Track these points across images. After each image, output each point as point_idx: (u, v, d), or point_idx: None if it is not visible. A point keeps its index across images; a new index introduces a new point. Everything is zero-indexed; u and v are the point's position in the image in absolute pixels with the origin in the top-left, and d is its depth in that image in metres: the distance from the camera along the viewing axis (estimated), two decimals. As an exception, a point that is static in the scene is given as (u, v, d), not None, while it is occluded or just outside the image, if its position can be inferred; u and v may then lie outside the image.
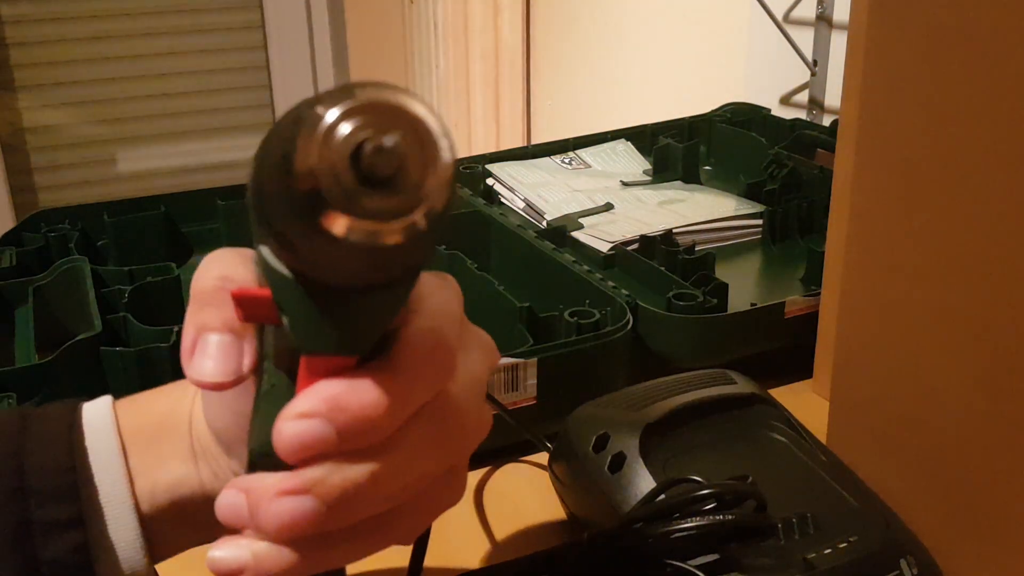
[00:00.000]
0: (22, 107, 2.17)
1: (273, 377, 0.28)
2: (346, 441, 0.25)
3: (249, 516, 0.26)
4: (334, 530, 0.27)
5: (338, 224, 0.21)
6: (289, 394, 0.26)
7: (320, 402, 0.25)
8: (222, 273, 0.29)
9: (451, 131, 0.23)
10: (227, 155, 2.33)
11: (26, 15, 2.12)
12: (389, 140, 0.21)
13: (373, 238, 0.22)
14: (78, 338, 0.58)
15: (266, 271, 0.25)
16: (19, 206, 2.15)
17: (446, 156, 0.22)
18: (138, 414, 0.33)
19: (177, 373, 0.29)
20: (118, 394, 0.34)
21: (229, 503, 0.27)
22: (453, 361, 0.27)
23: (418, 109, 0.22)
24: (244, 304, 0.26)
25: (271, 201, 0.23)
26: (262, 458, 0.27)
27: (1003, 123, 0.39)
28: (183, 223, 0.84)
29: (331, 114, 0.21)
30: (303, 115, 0.22)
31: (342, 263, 0.23)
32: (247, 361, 0.28)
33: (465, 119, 1.86)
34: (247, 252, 0.30)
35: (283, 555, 0.26)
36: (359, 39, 2.18)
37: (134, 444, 0.32)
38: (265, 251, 0.25)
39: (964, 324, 0.43)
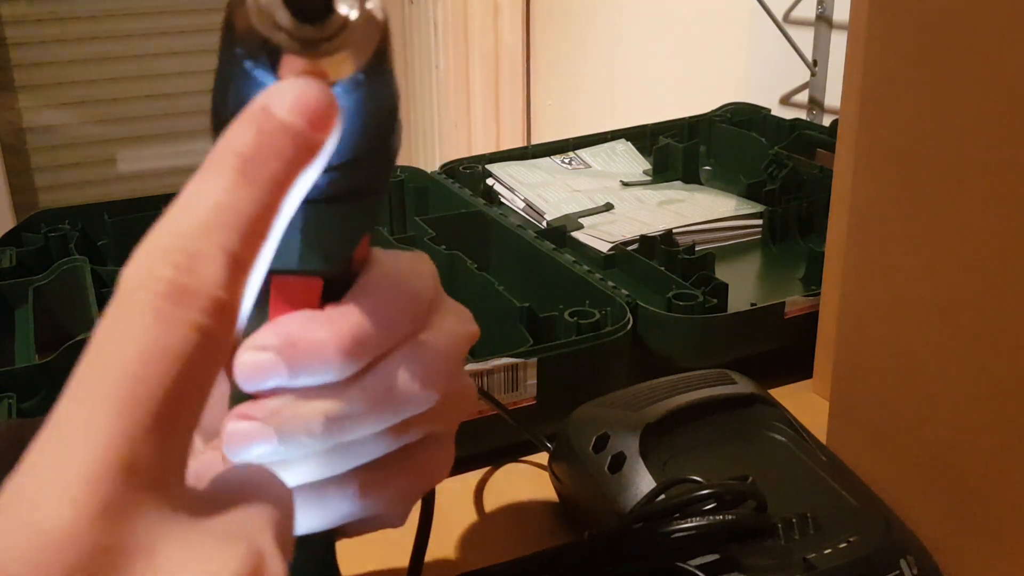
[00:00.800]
0: (22, 107, 2.17)
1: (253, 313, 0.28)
2: (298, 376, 0.26)
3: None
4: (315, 480, 0.27)
5: (294, 66, 0.23)
6: (261, 314, 0.27)
7: (274, 336, 0.26)
8: None
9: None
10: (227, 155, 2.32)
11: (26, 15, 2.12)
12: None
13: (315, 64, 0.23)
14: (78, 338, 0.58)
15: None
16: (19, 206, 2.15)
17: (374, 4, 0.24)
18: None
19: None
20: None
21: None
22: (415, 309, 0.28)
23: None
24: None
25: (228, 85, 0.24)
26: (238, 392, 0.28)
27: (1003, 123, 0.39)
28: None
29: None
30: None
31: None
32: None
33: (465, 119, 1.86)
34: None
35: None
36: (359, 39, 2.18)
37: None
38: None
39: (965, 324, 0.43)
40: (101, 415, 0.19)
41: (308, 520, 0.28)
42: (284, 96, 0.22)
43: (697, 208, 0.87)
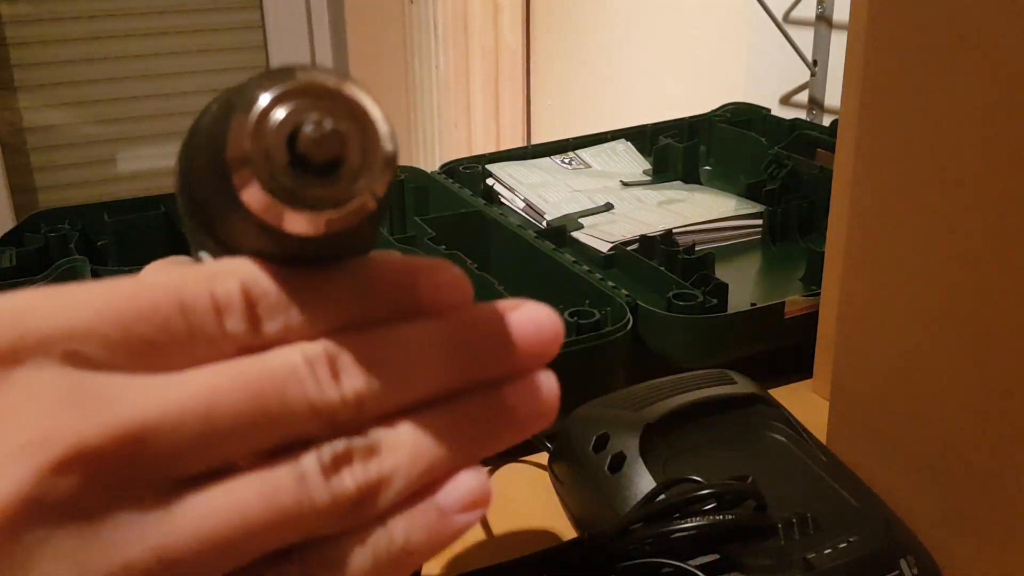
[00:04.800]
0: (22, 107, 2.17)
1: None
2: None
3: None
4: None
5: (277, 216, 0.20)
6: None
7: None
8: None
9: (391, 121, 0.21)
10: (227, 155, 2.32)
11: (26, 15, 2.12)
12: (328, 124, 0.20)
13: (313, 227, 0.20)
14: (78, 338, 0.58)
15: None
16: (19, 206, 2.15)
17: (387, 143, 0.21)
18: None
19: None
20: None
21: None
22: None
23: (358, 93, 0.21)
24: None
25: (204, 197, 0.22)
26: None
27: (1003, 122, 0.39)
28: (183, 223, 0.83)
29: (265, 96, 0.20)
30: (236, 100, 0.20)
31: (285, 253, 0.22)
32: None
33: (465, 119, 1.86)
34: (183, 259, 0.29)
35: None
36: (359, 39, 2.18)
37: None
38: (205, 256, 0.24)
39: (965, 324, 0.43)
40: None
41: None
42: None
43: (697, 208, 0.87)
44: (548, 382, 0.25)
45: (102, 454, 0.18)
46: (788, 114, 1.09)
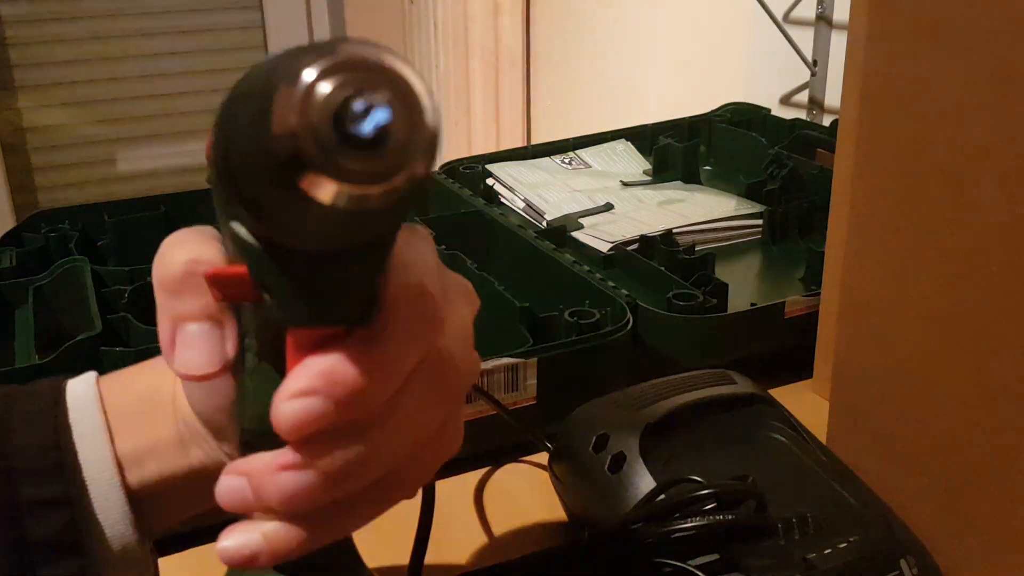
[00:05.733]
0: (22, 107, 2.17)
1: (257, 355, 0.27)
2: (344, 413, 0.25)
3: (254, 498, 0.26)
4: (341, 497, 0.26)
5: (320, 189, 0.20)
6: (277, 371, 0.26)
7: (315, 378, 0.24)
8: (189, 256, 0.28)
9: (433, 93, 0.22)
10: (227, 155, 2.32)
11: (26, 15, 2.12)
12: (374, 99, 0.20)
13: (357, 202, 0.20)
14: (78, 338, 0.58)
15: (240, 247, 0.24)
16: (19, 206, 2.15)
17: (430, 117, 0.21)
18: (122, 390, 0.33)
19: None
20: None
21: (230, 487, 0.26)
22: (440, 314, 0.27)
23: (402, 68, 0.21)
24: (221, 284, 0.25)
25: (244, 169, 0.21)
26: (256, 437, 0.27)
27: (1003, 123, 0.39)
28: (183, 223, 0.83)
29: (311, 71, 0.20)
30: (279, 72, 0.20)
31: (323, 229, 0.22)
32: (230, 346, 0.28)
33: (465, 119, 1.86)
34: (208, 230, 0.29)
35: (294, 531, 0.26)
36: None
37: (119, 420, 0.32)
38: (237, 226, 0.24)
39: (965, 323, 0.43)
40: None
41: (337, 531, 0.27)
42: None
43: (697, 208, 0.87)
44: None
45: None
46: (788, 114, 1.09)
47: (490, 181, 0.93)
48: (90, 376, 0.33)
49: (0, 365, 0.59)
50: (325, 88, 0.20)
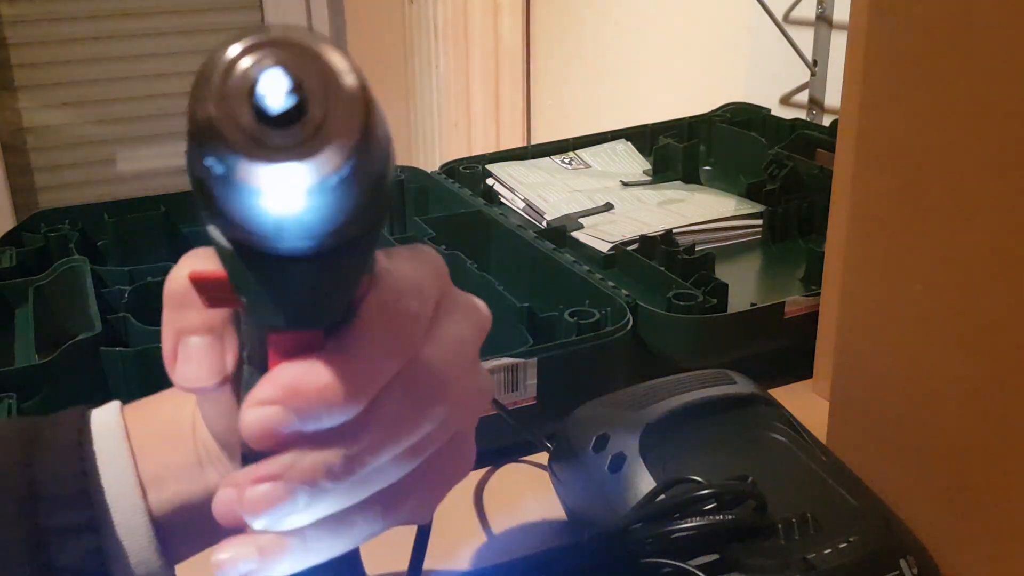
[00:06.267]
0: (22, 107, 2.17)
1: (250, 364, 0.27)
2: (309, 424, 0.25)
3: (240, 511, 0.26)
4: (334, 512, 0.26)
5: (252, 173, 0.20)
6: (262, 375, 0.26)
7: (278, 388, 0.24)
8: (193, 270, 0.28)
9: (361, 70, 0.21)
10: (227, 155, 2.32)
11: (26, 15, 2.12)
12: (278, 72, 0.20)
13: (292, 184, 0.21)
14: (78, 338, 0.58)
15: (217, 250, 0.24)
16: (19, 206, 2.15)
17: (349, 84, 0.21)
18: (145, 419, 0.33)
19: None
20: (118, 394, 0.34)
21: (220, 500, 0.26)
22: (415, 331, 0.27)
23: (317, 44, 0.21)
24: (202, 287, 0.26)
25: (191, 167, 0.22)
26: (252, 450, 0.27)
27: (1003, 122, 0.39)
28: (183, 223, 0.84)
29: (225, 55, 0.20)
30: (203, 64, 0.21)
31: (279, 224, 0.22)
32: (230, 358, 0.28)
33: (465, 119, 1.86)
34: (207, 252, 0.29)
35: (289, 544, 0.26)
36: (359, 39, 2.18)
37: (143, 449, 0.32)
38: (212, 229, 0.24)
39: (965, 324, 0.43)
40: None
41: (334, 546, 0.27)
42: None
43: (697, 208, 0.87)
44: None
45: None
46: (788, 114, 1.09)
47: (490, 181, 0.93)
48: (114, 405, 0.34)
49: (0, 365, 0.59)
50: (240, 68, 0.20)
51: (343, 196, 0.22)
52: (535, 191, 0.90)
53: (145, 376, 0.57)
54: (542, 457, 0.57)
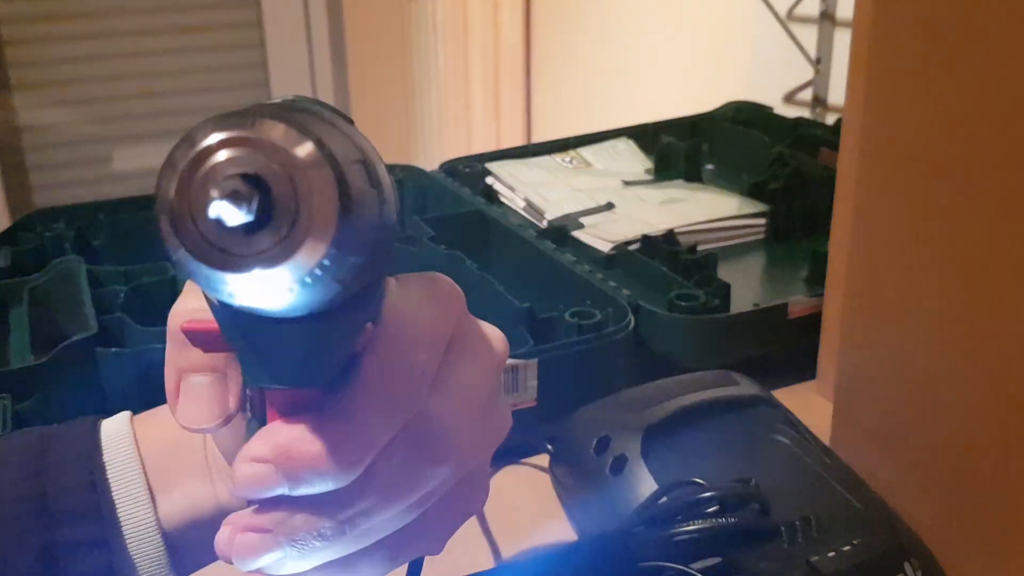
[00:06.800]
0: (17, 106, 2.17)
1: (251, 411, 0.26)
2: (301, 487, 0.24)
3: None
4: (338, 557, 0.25)
5: (215, 278, 0.19)
6: (261, 425, 0.25)
7: (269, 448, 0.24)
8: (196, 307, 0.27)
9: (355, 173, 0.20)
10: (226, 154, 2.32)
11: (22, 13, 2.11)
12: (237, 185, 0.19)
13: (261, 286, 0.19)
14: (73, 339, 0.57)
15: (208, 302, 0.23)
16: (14, 206, 2.15)
17: (321, 177, 0.19)
18: (155, 431, 0.33)
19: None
20: (114, 394, 0.34)
21: (222, 539, 0.25)
22: (421, 386, 0.25)
23: (283, 138, 0.19)
24: (195, 339, 0.25)
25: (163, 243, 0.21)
26: None
27: (1008, 121, 0.39)
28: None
29: (191, 148, 0.19)
30: (174, 147, 0.20)
31: (255, 304, 0.21)
32: (232, 399, 0.27)
33: (465, 118, 1.85)
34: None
35: None
36: (358, 38, 2.18)
37: (153, 461, 0.32)
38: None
39: (969, 325, 0.42)
40: None
41: None
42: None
43: (699, 207, 0.86)
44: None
45: None
46: (791, 112, 1.08)
47: (490, 180, 0.93)
48: (124, 416, 0.34)
49: (-5, 365, 0.59)
50: (199, 177, 0.19)
51: (331, 278, 0.20)
52: (536, 190, 0.90)
53: (141, 377, 0.57)
54: (543, 459, 0.56)
